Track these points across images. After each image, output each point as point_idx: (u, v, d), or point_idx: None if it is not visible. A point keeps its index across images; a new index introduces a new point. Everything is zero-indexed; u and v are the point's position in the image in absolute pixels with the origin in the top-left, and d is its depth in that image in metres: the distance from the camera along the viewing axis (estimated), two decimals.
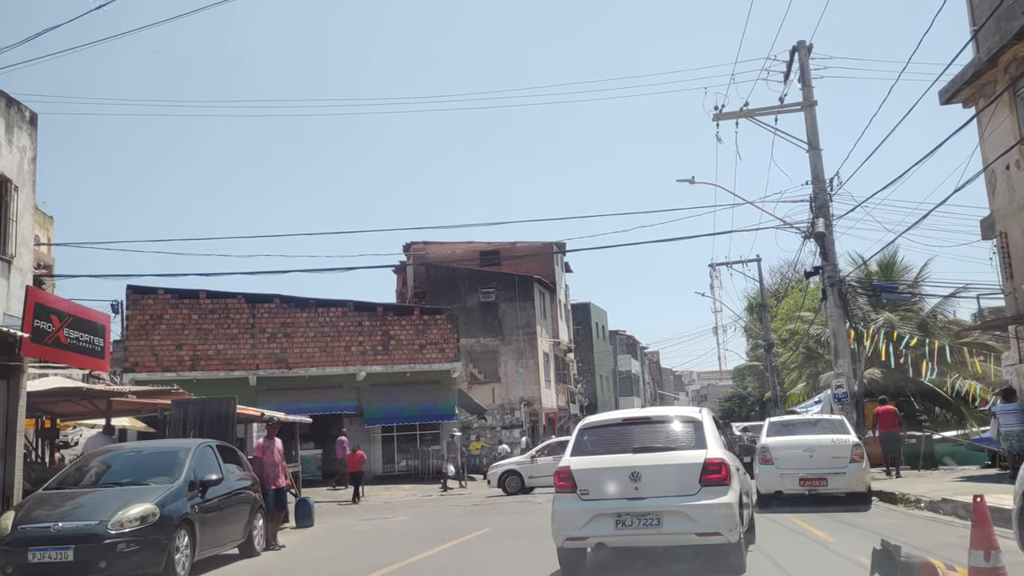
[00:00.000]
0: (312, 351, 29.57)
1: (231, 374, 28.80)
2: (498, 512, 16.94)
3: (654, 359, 78.30)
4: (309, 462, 29.93)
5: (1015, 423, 15.67)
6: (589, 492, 7.16)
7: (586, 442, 7.75)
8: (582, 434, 7.93)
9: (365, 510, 19.70)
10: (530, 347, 38.31)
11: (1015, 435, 15.01)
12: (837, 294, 20.09)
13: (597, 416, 8.85)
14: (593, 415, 9.67)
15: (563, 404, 43.64)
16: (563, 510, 7.27)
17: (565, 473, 7.37)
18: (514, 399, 37.90)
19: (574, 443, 7.83)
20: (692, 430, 7.58)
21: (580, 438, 7.87)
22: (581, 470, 7.31)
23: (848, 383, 19.66)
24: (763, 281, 40.19)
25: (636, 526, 6.92)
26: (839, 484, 13.63)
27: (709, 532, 6.88)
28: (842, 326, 20.05)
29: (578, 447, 7.72)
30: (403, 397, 29.58)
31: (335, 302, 30.22)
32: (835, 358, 20.07)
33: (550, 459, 22.23)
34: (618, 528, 6.98)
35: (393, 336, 30.14)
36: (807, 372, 33.90)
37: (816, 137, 20.68)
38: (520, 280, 38.73)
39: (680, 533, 6.96)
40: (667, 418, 8.06)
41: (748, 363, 67.57)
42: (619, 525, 6.97)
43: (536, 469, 22.76)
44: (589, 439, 7.79)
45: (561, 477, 7.39)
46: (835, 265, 20.31)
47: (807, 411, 25.23)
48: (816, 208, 20.40)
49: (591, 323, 54.32)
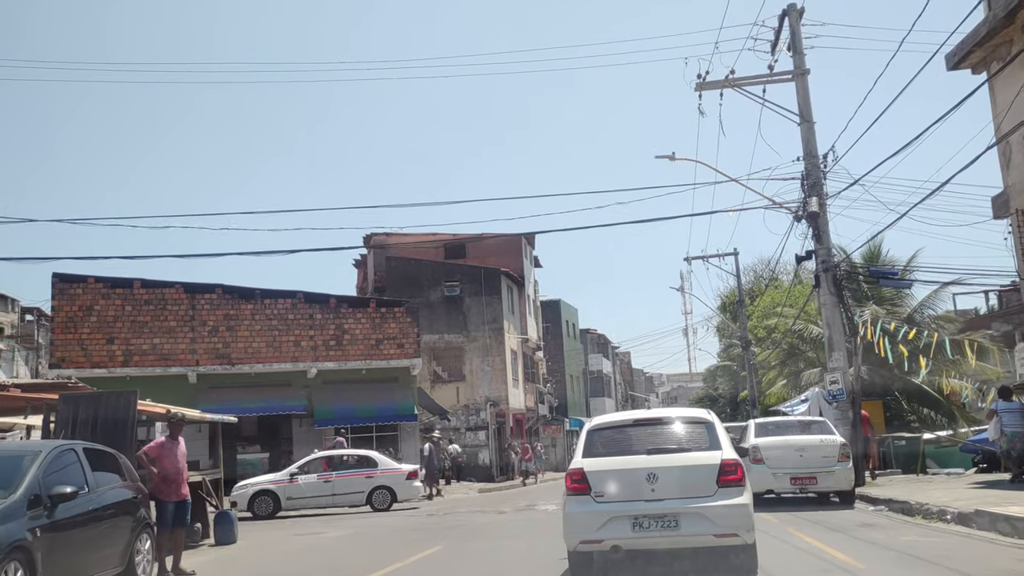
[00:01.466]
0: (258, 346, 27.19)
1: (168, 371, 26.34)
2: (456, 525, 14.81)
3: (625, 359, 76.51)
4: (254, 467, 27.57)
5: (1019, 423, 14.44)
6: (604, 494, 7.05)
7: (597, 444, 7.60)
8: (592, 435, 7.77)
9: (306, 523, 17.46)
10: (497, 344, 36.19)
11: (1020, 436, 14.14)
12: (831, 280, 18.23)
13: (606, 417, 8.66)
14: (602, 416, 9.24)
15: (531, 405, 41.56)
16: (577, 512, 7.13)
17: (578, 475, 7.20)
18: (479, 399, 35.77)
19: (584, 445, 7.64)
20: (704, 431, 7.51)
21: (591, 439, 7.70)
22: (595, 472, 7.16)
23: (844, 379, 17.79)
24: (740, 275, 38.35)
25: (654, 528, 6.86)
26: (828, 483, 14.20)
27: (727, 533, 6.85)
28: (837, 316, 18.19)
29: (589, 449, 7.56)
30: (358, 396, 27.32)
31: (283, 293, 27.86)
32: (829, 351, 18.21)
33: (313, 478, 19.80)
34: (635, 530, 6.89)
35: (347, 330, 27.85)
36: (788, 370, 32.18)
37: (808, 109, 18.82)
38: (487, 273, 36.61)
39: (698, 535, 6.89)
40: (678, 419, 7.91)
41: (721, 363, 66.29)
42: (636, 527, 6.89)
43: (296, 490, 19.50)
44: (600, 441, 7.65)
45: (574, 479, 7.22)
46: (829, 249, 18.44)
47: (793, 411, 23.47)
48: (808, 186, 18.55)
49: (561, 321, 52.31)
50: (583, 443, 7.70)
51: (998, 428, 14.65)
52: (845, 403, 17.78)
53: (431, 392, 35.56)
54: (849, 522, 11.73)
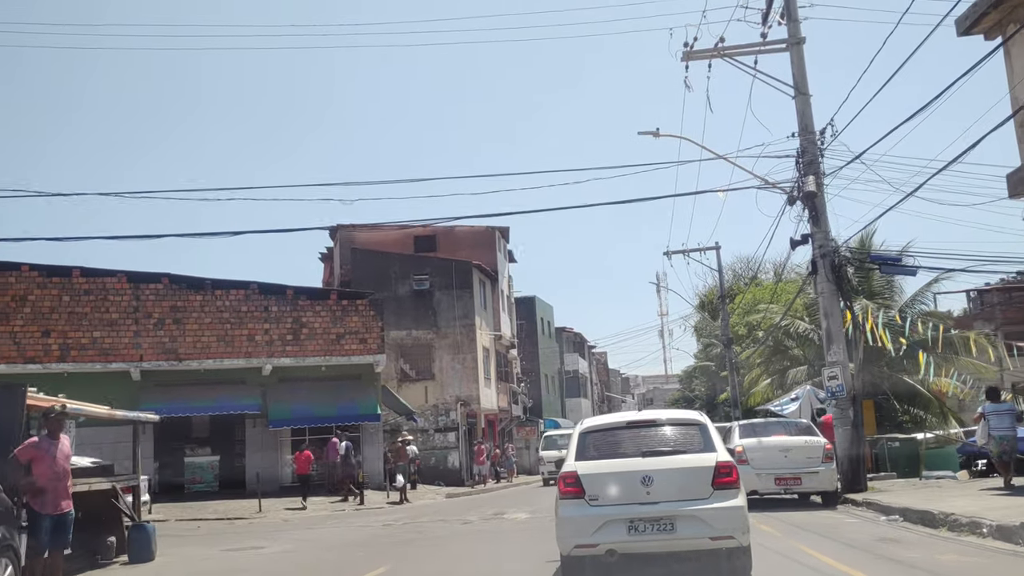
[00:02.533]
0: (208, 340, 25.18)
1: (109, 366, 24.28)
2: (413, 539, 13.01)
3: (602, 360, 74.97)
4: (204, 470, 25.66)
5: (1007, 426, 13.83)
6: (598, 497, 6.97)
7: (590, 446, 7.48)
8: (584, 437, 7.61)
9: (250, 534, 15.57)
10: (468, 341, 34.38)
11: (1008, 439, 13.66)
12: (829, 266, 16.67)
13: (598, 419, 8.53)
14: (593, 418, 8.90)
15: (504, 405, 39.79)
16: (571, 516, 7.02)
17: (572, 478, 7.09)
18: (449, 399, 33.93)
19: (577, 447, 7.50)
20: (698, 432, 7.42)
21: (583, 442, 7.55)
22: (589, 475, 7.07)
23: (843, 374, 16.22)
24: (722, 271, 36.87)
25: (649, 532, 6.81)
26: (812, 483, 14.43)
27: (723, 536, 6.80)
28: (836, 305, 16.63)
29: (582, 451, 7.43)
30: (316, 395, 25.43)
31: (236, 283, 25.87)
32: (827, 344, 16.64)
33: None
34: (631, 534, 6.82)
35: (306, 324, 25.92)
36: (773, 368, 30.68)
37: (804, 80, 17.26)
38: (458, 266, 34.80)
39: (694, 538, 6.83)
40: (671, 421, 7.82)
41: (699, 363, 64.95)
42: (632, 531, 6.82)
43: None
44: (593, 443, 7.52)
45: (567, 482, 7.11)
46: (827, 232, 16.88)
47: (783, 410, 21.94)
48: (804, 164, 16.98)
49: (536, 318, 50.59)
50: (575, 446, 7.55)
51: (986, 431, 13.93)
52: (845, 400, 16.22)
53: (398, 391, 33.67)
54: (865, 535, 10.13)
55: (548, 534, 11.36)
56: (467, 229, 38.57)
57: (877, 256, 16.44)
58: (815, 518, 12.71)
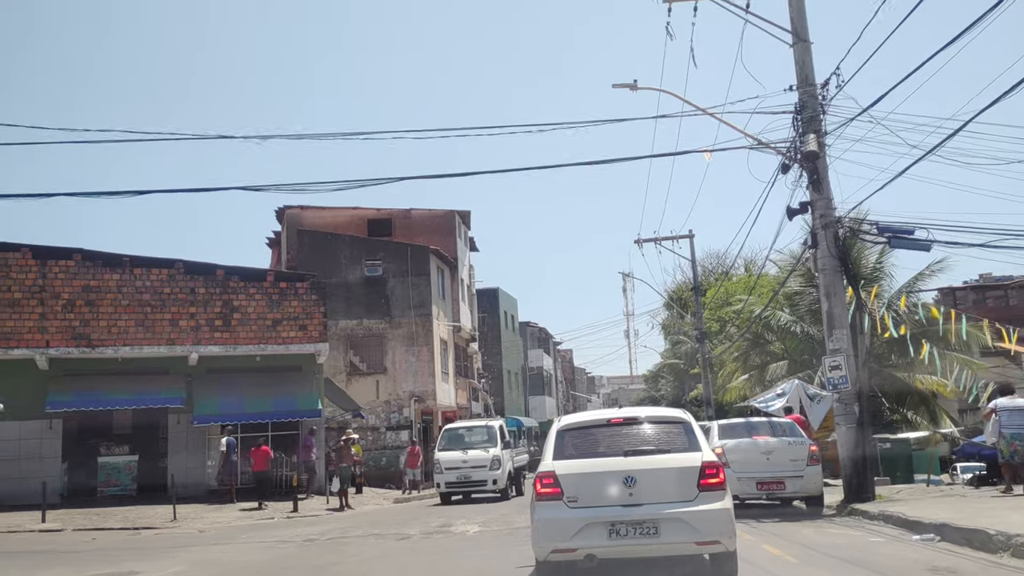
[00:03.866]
0: (125, 325, 22.32)
1: (10, 353, 21.38)
2: (333, 562, 10.45)
3: (567, 357, 72.77)
4: (120, 472, 22.80)
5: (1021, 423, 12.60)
6: (578, 499, 6.66)
7: (568, 444, 7.12)
8: (562, 436, 7.24)
9: (138, 549, 12.92)
10: (424, 332, 31.79)
11: (1021, 437, 12.53)
12: (832, 239, 14.41)
13: (576, 416, 8.01)
14: (571, 415, 8.42)
15: (463, 402, 37.22)
16: (549, 519, 6.71)
17: (550, 479, 6.78)
18: (403, 394, 31.32)
19: (554, 446, 7.13)
20: (682, 431, 7.12)
21: (561, 440, 7.19)
22: (569, 475, 6.75)
23: (847, 364, 13.96)
24: (695, 261, 34.71)
25: (632, 535, 6.47)
26: (796, 487, 13.69)
27: (709, 540, 6.51)
28: (839, 284, 14.36)
29: (560, 450, 7.08)
30: (249, 388, 22.73)
31: (159, 261, 23.02)
32: (828, 329, 14.38)
33: None
34: (612, 538, 6.50)
35: (238, 308, 23.16)
36: (751, 363, 28.55)
37: (803, 24, 14.98)
38: (414, 251, 32.19)
39: (679, 542, 6.51)
40: (654, 419, 7.46)
41: (667, 361, 63.00)
42: (613, 535, 6.49)
43: None
44: (571, 441, 7.14)
45: (544, 483, 6.78)
46: (830, 199, 14.63)
47: (768, 407, 19.70)
48: (804, 121, 14.71)
49: (499, 311, 48.09)
50: (552, 444, 7.20)
51: (997, 429, 12.81)
52: (849, 394, 13.96)
53: (347, 386, 31.01)
54: (907, 564, 7.82)
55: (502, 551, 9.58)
56: (425, 213, 36.01)
57: (887, 227, 14.21)
58: (828, 536, 10.42)
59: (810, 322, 25.98)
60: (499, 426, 23.39)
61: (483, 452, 21.91)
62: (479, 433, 23.06)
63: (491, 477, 21.71)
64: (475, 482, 21.77)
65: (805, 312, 26.15)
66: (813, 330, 25.87)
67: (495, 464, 21.70)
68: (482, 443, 22.36)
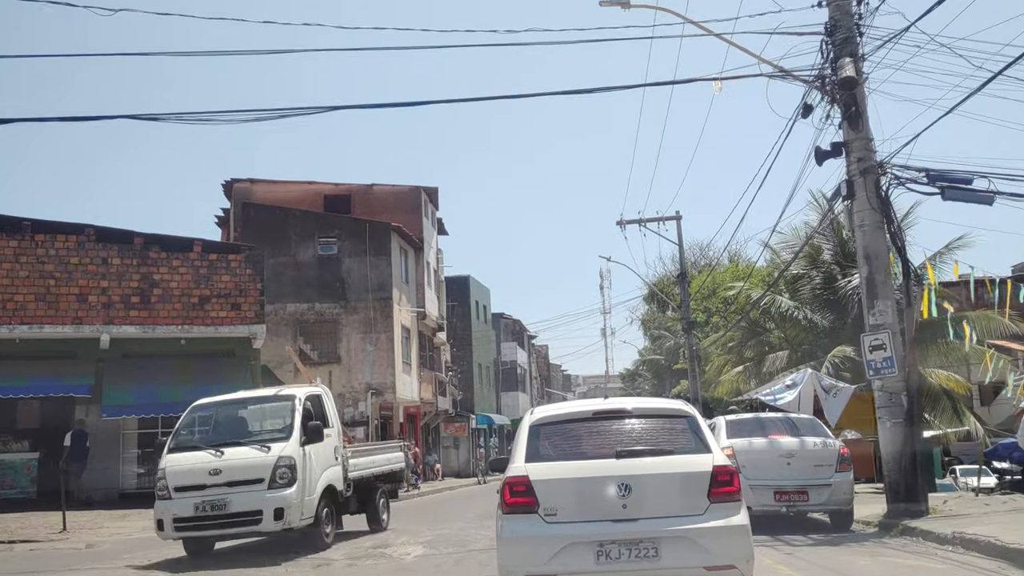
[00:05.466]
0: (24, 300, 19.07)
1: None
2: None
3: (543, 352, 69.87)
4: (17, 472, 19.57)
5: None
6: (558, 511, 5.40)
7: (544, 443, 5.78)
8: (537, 431, 5.86)
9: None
10: (383, 317, 28.65)
11: None
12: (873, 188, 11.54)
13: (555, 407, 6.55)
14: (547, 405, 7.23)
15: (429, 396, 34.11)
16: (520, 537, 5.47)
17: (521, 485, 5.49)
18: (358, 386, 28.17)
19: (527, 443, 5.78)
20: (687, 427, 5.83)
21: (535, 437, 5.82)
22: (546, 481, 5.48)
23: (893, 343, 11.08)
24: (683, 244, 31.88)
25: (625, 558, 5.27)
26: (823, 498, 11.23)
27: (722, 565, 5.29)
28: (881, 243, 11.51)
29: (534, 449, 5.72)
30: (171, 376, 19.56)
31: (65, 226, 19.75)
32: (869, 300, 11.51)
33: None
34: (600, 561, 5.29)
35: (159, 283, 19.94)
36: (748, 354, 25.74)
37: None
38: (373, 228, 29.03)
39: (685, 567, 5.29)
40: (652, 411, 6.10)
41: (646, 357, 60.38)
42: (602, 557, 5.28)
43: None
44: (548, 439, 5.81)
45: (515, 491, 5.48)
46: (869, 139, 11.77)
47: (776, 400, 16.84)
48: (836, 45, 11.84)
49: (470, 301, 45.01)
50: (525, 441, 5.81)
51: None
52: (895, 380, 11.09)
53: (295, 377, 27.76)
54: None
55: None
56: (388, 188, 32.87)
57: (940, 174, 11.39)
58: (901, 570, 7.50)
59: (814, 308, 23.27)
60: (301, 400, 11.37)
61: (256, 454, 10.66)
62: (256, 414, 12.01)
63: (271, 504, 10.34)
64: (235, 516, 10.44)
65: (809, 297, 23.42)
66: (817, 317, 23.16)
67: (282, 476, 10.47)
68: (260, 435, 11.35)
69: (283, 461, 10.42)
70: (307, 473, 10.69)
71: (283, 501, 10.29)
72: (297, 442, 10.69)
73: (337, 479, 11.63)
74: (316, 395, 12.00)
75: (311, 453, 10.87)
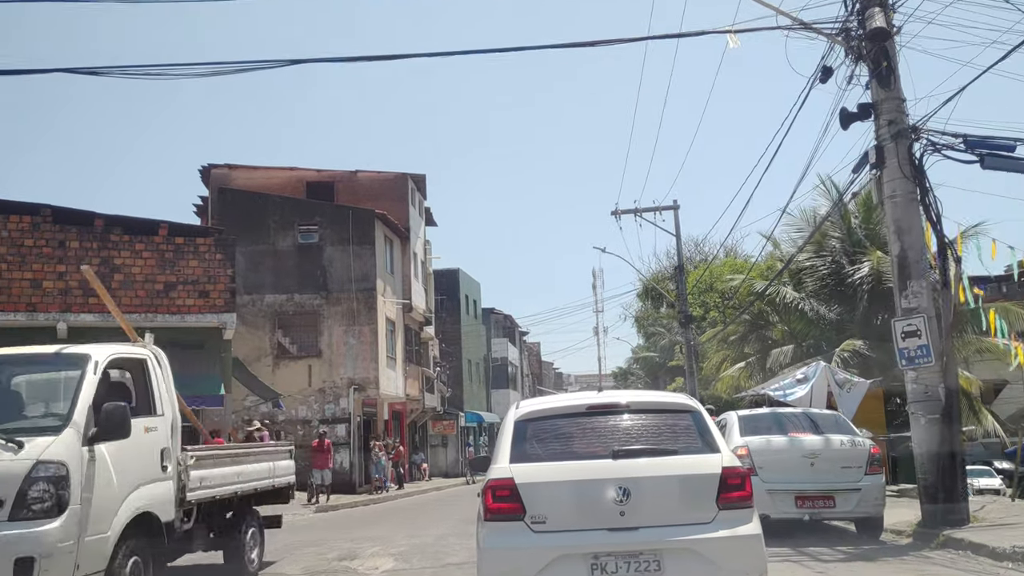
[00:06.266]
0: None
1: None
2: None
3: (535, 350, 68.52)
4: None
5: None
6: (547, 519, 4.82)
7: (532, 440, 5.14)
8: (523, 428, 5.21)
9: None
10: (367, 309, 27.25)
11: None
12: (906, 154, 10.25)
13: (543, 401, 5.85)
14: (533, 399, 6.14)
15: (415, 393, 32.72)
16: (504, 548, 4.85)
17: (506, 489, 4.87)
18: (340, 382, 26.78)
19: (512, 441, 5.15)
20: (691, 424, 5.21)
21: (520, 434, 5.17)
22: (534, 484, 4.86)
23: (928, 329, 9.80)
24: (680, 234, 30.59)
25: (624, 572, 4.66)
26: (851, 505, 9.70)
27: None
28: (915, 216, 10.23)
29: (519, 448, 5.08)
30: None
31: (21, 205, 18.32)
32: (902, 280, 10.22)
33: None
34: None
35: (122, 268, 18.50)
36: (749, 348, 24.49)
37: None
38: (357, 215, 27.63)
39: None
40: (651, 405, 5.52)
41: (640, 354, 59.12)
42: (597, 571, 4.68)
43: None
44: (536, 436, 5.17)
45: (498, 495, 4.88)
46: (901, 99, 10.48)
47: (786, 396, 15.56)
48: None
49: (460, 295, 43.59)
50: (509, 439, 5.17)
51: None
52: (932, 372, 9.81)
53: (274, 371, 26.45)
54: None
55: None
56: (373, 175, 31.45)
57: (979, 140, 10.11)
58: None
59: (820, 300, 22.04)
60: (97, 366, 6.45)
61: None
62: (13, 388, 6.78)
63: (8, 550, 5.39)
64: None
65: (815, 288, 22.18)
66: (824, 309, 21.92)
67: (40, 498, 5.63)
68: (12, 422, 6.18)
69: (43, 470, 5.61)
70: (95, 492, 5.93)
71: (35, 545, 5.44)
72: (77, 437, 5.90)
73: (162, 502, 6.81)
74: (134, 360, 7.11)
75: (107, 457, 6.10)
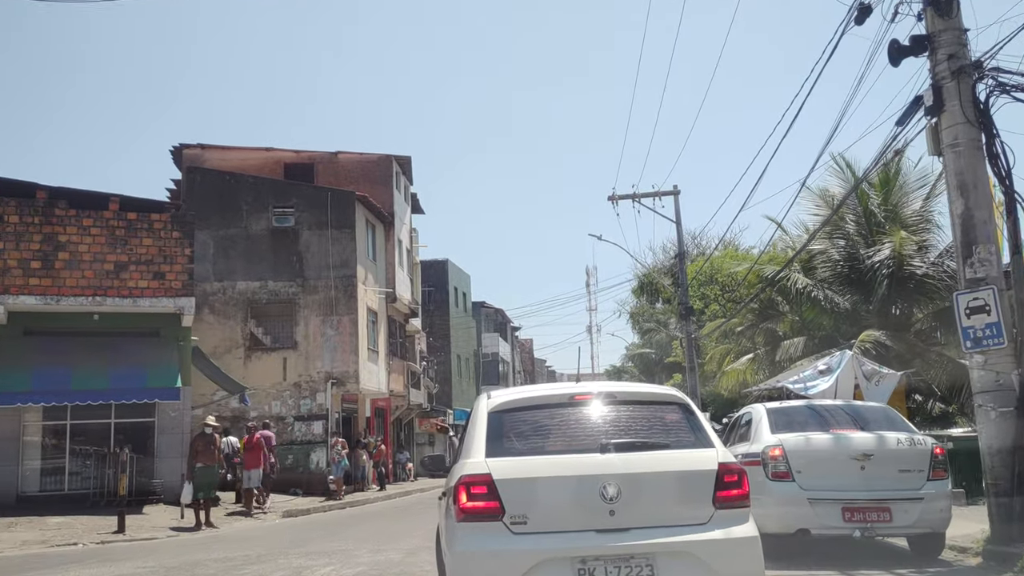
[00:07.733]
0: None
1: None
2: None
3: (527, 346, 66.83)
4: None
5: None
6: (528, 519, 4.37)
7: (509, 433, 4.70)
8: (500, 419, 4.76)
9: None
10: (346, 298, 25.47)
11: None
12: (969, 95, 8.57)
13: (519, 391, 5.35)
14: (509, 389, 5.84)
15: (399, 388, 30.96)
16: (480, 551, 4.33)
17: (482, 486, 4.38)
18: (317, 376, 24.99)
19: (488, 433, 4.67)
20: (682, 418, 4.94)
21: (496, 425, 4.71)
22: (513, 480, 4.41)
23: (998, 304, 8.12)
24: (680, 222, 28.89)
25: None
26: (911, 518, 7.86)
27: None
28: (981, 167, 8.56)
29: (495, 441, 4.63)
30: (81, 356, 16.52)
31: None
32: (964, 246, 8.55)
33: None
34: None
35: (65, 245, 16.77)
36: (759, 340, 22.82)
37: None
38: (336, 197, 25.84)
39: None
40: (639, 397, 5.16)
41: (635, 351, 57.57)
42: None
43: None
44: (514, 428, 4.74)
45: (473, 493, 4.38)
46: (962, 29, 8.79)
47: (807, 389, 13.90)
48: None
49: (448, 287, 41.85)
50: (483, 432, 4.68)
51: None
52: (1003, 356, 8.12)
53: (245, 364, 24.67)
54: None
55: None
56: (355, 157, 29.69)
57: None
58: None
59: (834, 287, 20.43)
60: None
61: None
62: None
63: None
64: None
65: (828, 275, 20.57)
66: (839, 298, 20.28)
67: None
68: None
69: None
70: None
71: None
72: None
73: None
74: None
75: None
